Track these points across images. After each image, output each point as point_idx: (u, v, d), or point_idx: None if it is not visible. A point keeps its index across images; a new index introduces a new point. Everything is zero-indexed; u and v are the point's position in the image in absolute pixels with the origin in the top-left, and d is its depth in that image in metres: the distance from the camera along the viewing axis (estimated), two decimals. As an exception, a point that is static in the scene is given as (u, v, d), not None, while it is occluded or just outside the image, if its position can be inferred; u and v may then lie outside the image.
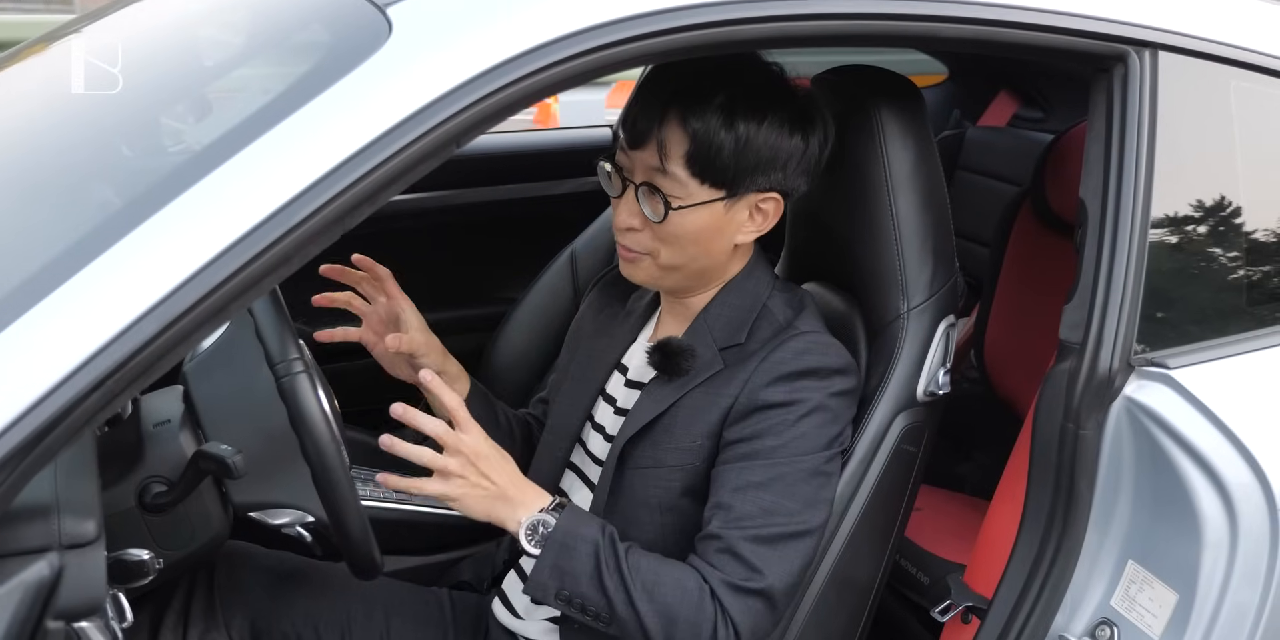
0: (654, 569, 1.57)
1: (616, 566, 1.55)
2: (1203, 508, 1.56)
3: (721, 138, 1.57)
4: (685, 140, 1.58)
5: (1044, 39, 1.57)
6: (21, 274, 1.18)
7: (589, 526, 1.58)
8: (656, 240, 1.65)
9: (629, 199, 1.65)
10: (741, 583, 1.56)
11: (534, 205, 3.25)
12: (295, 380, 1.53)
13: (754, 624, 1.58)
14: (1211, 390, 1.59)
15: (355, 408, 2.26)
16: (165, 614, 1.81)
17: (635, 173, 1.63)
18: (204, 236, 1.17)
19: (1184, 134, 1.66)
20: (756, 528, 1.58)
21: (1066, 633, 1.67)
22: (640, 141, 1.61)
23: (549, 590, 1.57)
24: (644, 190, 1.62)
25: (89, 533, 1.24)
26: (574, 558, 1.56)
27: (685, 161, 1.58)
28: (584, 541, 1.56)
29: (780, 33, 1.41)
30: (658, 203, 1.61)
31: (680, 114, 1.58)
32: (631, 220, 1.65)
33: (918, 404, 1.76)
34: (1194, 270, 1.73)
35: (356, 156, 1.21)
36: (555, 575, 1.56)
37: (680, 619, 1.55)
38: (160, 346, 1.15)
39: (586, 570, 1.55)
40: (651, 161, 1.60)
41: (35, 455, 1.12)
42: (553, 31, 1.29)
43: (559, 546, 1.56)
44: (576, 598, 1.57)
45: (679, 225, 1.62)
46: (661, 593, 1.55)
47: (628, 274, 1.72)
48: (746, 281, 1.74)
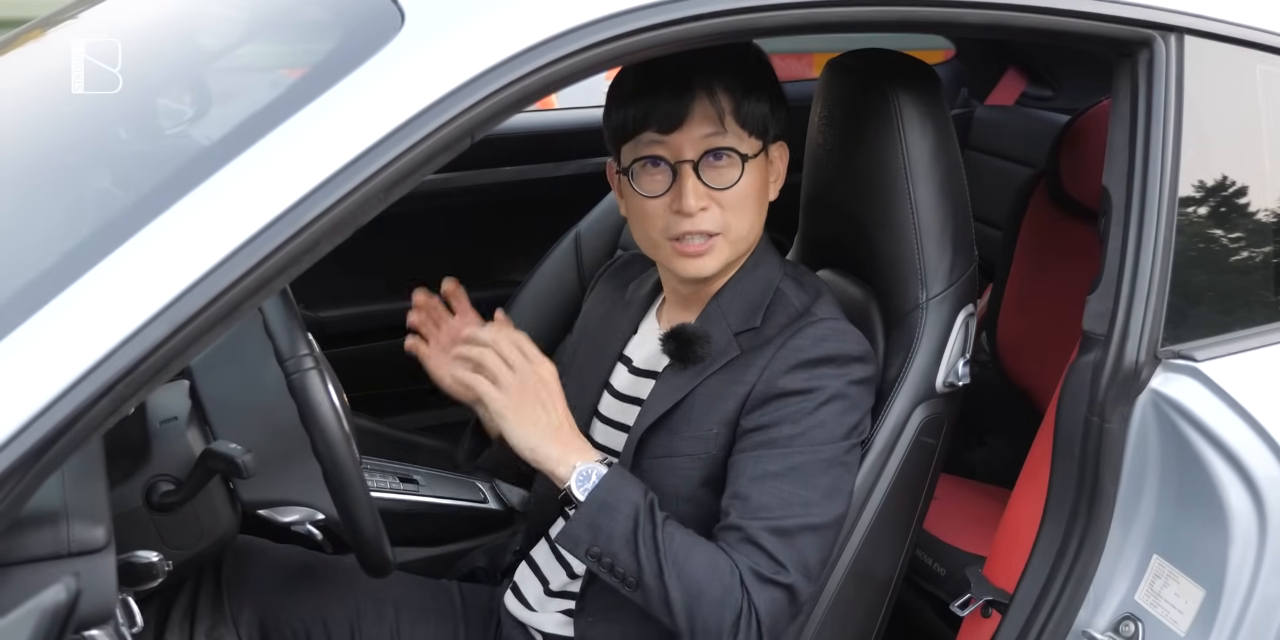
0: (687, 544, 1.55)
1: (652, 534, 1.53)
2: (1230, 502, 1.54)
3: (753, 93, 1.62)
4: (728, 99, 1.61)
5: (1068, 23, 1.54)
6: (28, 276, 1.16)
7: (634, 489, 1.57)
8: (728, 212, 1.63)
9: (689, 180, 1.61)
10: (769, 575, 1.55)
11: (537, 187, 3.23)
12: (305, 377, 1.51)
13: (775, 616, 1.56)
14: (1239, 383, 1.56)
15: (362, 393, 2.24)
16: (172, 610, 1.80)
17: (684, 152, 1.61)
18: (215, 235, 1.14)
19: (1210, 120, 1.63)
20: (775, 519, 1.56)
21: (1090, 628, 1.65)
22: (678, 121, 1.60)
23: (580, 544, 1.55)
24: (706, 162, 1.61)
25: (99, 539, 1.22)
26: (614, 517, 1.54)
27: (735, 117, 1.61)
28: (626, 502, 1.55)
29: (803, 19, 1.39)
30: (726, 167, 1.62)
31: (707, 80, 1.60)
32: (702, 200, 1.62)
33: (937, 395, 1.74)
34: (1221, 260, 1.71)
35: (369, 153, 1.19)
36: (590, 531, 1.54)
37: (706, 597, 1.53)
38: (170, 350, 1.13)
39: (623, 532, 1.53)
40: (704, 129, 1.60)
41: (44, 462, 1.10)
42: (571, 20, 1.26)
43: (600, 503, 1.54)
44: (606, 556, 1.54)
45: (747, 185, 1.63)
46: (691, 568, 1.53)
47: (697, 270, 1.66)
48: (757, 266, 1.72)
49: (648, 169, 1.64)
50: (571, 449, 1.57)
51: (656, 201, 1.63)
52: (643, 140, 1.62)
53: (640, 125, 1.62)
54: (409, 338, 1.87)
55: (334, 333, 2.96)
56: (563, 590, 1.78)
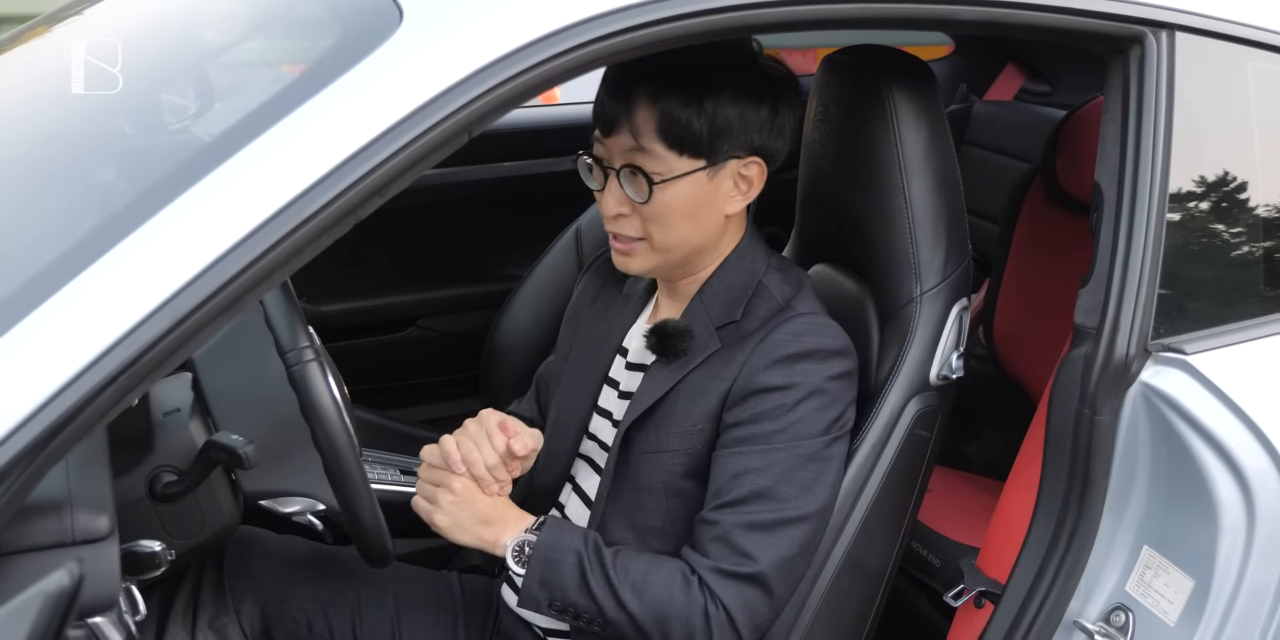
0: (643, 569, 1.61)
1: (603, 572, 1.60)
2: (1219, 493, 1.55)
3: (689, 110, 1.59)
4: (655, 115, 1.59)
5: (1061, 20, 1.55)
6: (32, 269, 1.17)
7: (572, 537, 1.63)
8: (647, 222, 1.65)
9: (613, 186, 1.65)
10: (731, 568, 1.59)
11: (538, 182, 3.23)
12: (306, 369, 1.52)
13: (747, 608, 1.59)
14: (1228, 376, 1.58)
15: (362, 385, 2.25)
16: (175, 600, 1.82)
17: (614, 159, 1.64)
18: (216, 230, 1.16)
19: (1201, 116, 1.65)
20: (752, 513, 1.60)
21: (1081, 618, 1.66)
22: (613, 126, 1.63)
23: (540, 603, 1.63)
24: (625, 173, 1.63)
25: (102, 528, 1.24)
26: (559, 569, 1.61)
27: (659, 135, 1.60)
28: (568, 552, 1.61)
29: (795, 16, 1.40)
30: (640, 181, 1.62)
31: (648, 93, 1.60)
32: (619, 207, 1.65)
33: (930, 388, 1.75)
34: (1211, 254, 1.72)
35: (368, 148, 1.20)
36: (544, 588, 1.62)
37: (672, 614, 1.58)
38: (173, 342, 1.14)
39: (573, 580, 1.60)
40: (627, 143, 1.62)
41: (48, 453, 1.11)
42: (565, 18, 1.28)
43: (543, 561, 1.61)
44: (569, 607, 1.62)
45: (666, 201, 1.63)
46: (651, 591, 1.59)
47: (623, 266, 1.72)
48: (741, 259, 1.74)
49: (590, 164, 1.68)
50: (502, 528, 1.65)
51: (599, 194, 1.69)
52: (595, 136, 1.67)
53: (594, 120, 1.66)
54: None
55: (334, 326, 2.97)
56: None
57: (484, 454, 1.64)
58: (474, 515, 1.64)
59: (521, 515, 1.67)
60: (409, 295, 3.17)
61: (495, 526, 1.65)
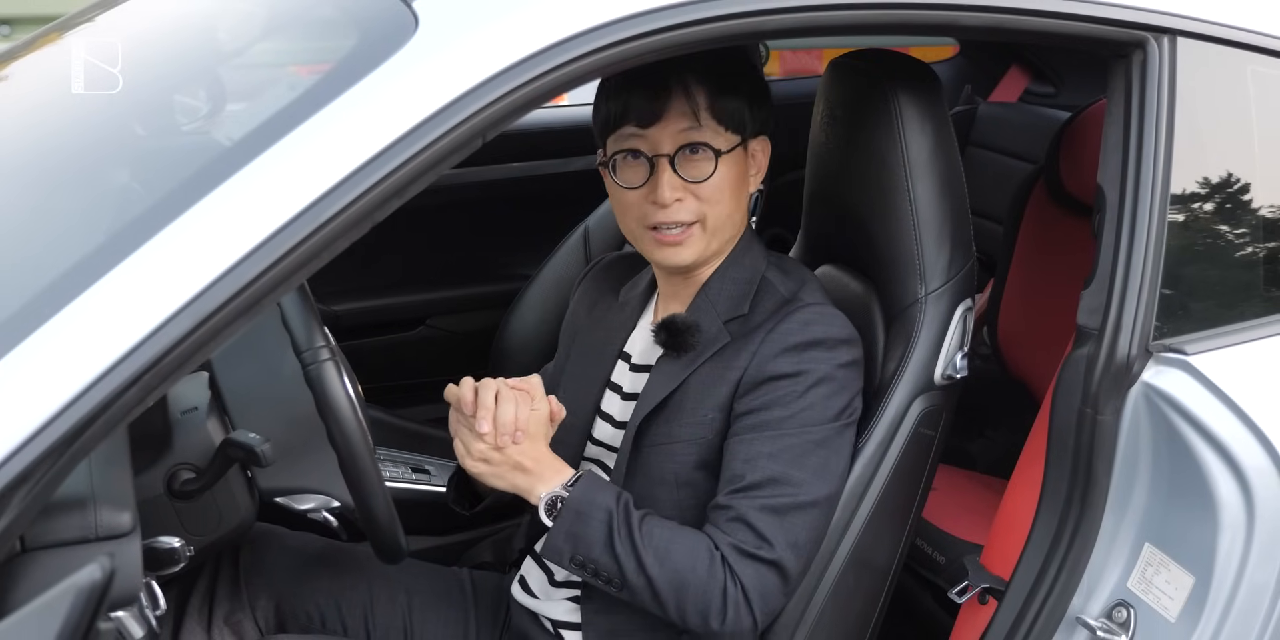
0: (668, 536, 1.62)
1: (629, 534, 1.60)
2: (1219, 492, 1.57)
3: (733, 82, 1.68)
4: (705, 92, 1.66)
5: (1063, 26, 1.57)
6: (57, 271, 1.19)
7: (604, 494, 1.63)
8: (703, 203, 1.68)
9: (665, 173, 1.67)
10: (752, 550, 1.61)
11: (547, 182, 3.25)
12: (322, 368, 1.55)
13: (764, 590, 1.61)
14: (1229, 376, 1.59)
15: (373, 384, 2.27)
16: (191, 595, 1.84)
17: (662, 145, 1.66)
18: (237, 233, 1.18)
19: (1202, 120, 1.66)
20: (765, 497, 1.62)
21: (1084, 614, 1.68)
22: (657, 115, 1.66)
23: (563, 554, 1.63)
24: (682, 155, 1.66)
25: (125, 524, 1.26)
26: (587, 524, 1.61)
27: (710, 111, 1.66)
28: (598, 509, 1.61)
29: (805, 23, 1.43)
30: (704, 157, 1.66)
31: (681, 77, 1.65)
32: (676, 192, 1.67)
33: (935, 388, 1.77)
34: (1212, 256, 1.74)
35: (385, 153, 1.22)
36: (569, 540, 1.62)
37: (691, 584, 1.59)
38: (194, 342, 1.16)
39: (599, 537, 1.60)
40: (681, 124, 1.66)
41: (73, 450, 1.13)
42: (576, 26, 1.30)
43: (573, 514, 1.61)
44: (589, 563, 1.62)
45: (722, 177, 1.68)
46: (673, 559, 1.60)
47: (675, 258, 1.72)
48: (744, 255, 1.77)
49: (628, 161, 1.69)
50: (538, 479, 1.64)
51: (635, 192, 1.69)
52: (623, 133, 1.68)
53: (620, 119, 1.68)
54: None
55: (348, 326, 2.99)
56: (567, 580, 1.81)
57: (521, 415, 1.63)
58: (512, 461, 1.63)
59: (560, 469, 1.66)
60: (419, 295, 3.19)
61: (532, 475, 1.64)
